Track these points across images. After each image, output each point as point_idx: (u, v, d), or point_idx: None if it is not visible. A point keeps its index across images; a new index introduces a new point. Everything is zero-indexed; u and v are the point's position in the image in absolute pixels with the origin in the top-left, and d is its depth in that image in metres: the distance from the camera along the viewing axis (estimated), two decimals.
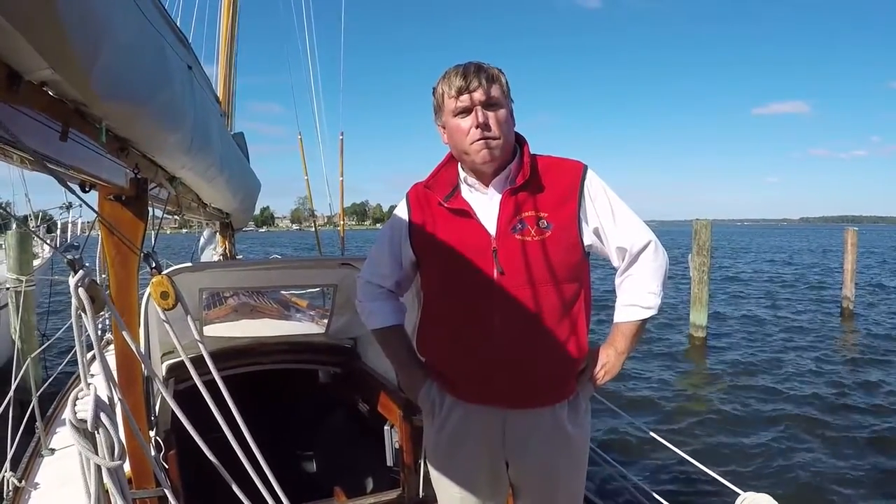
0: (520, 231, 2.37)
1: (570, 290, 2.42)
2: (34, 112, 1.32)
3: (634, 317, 2.51)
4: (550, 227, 2.37)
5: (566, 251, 2.39)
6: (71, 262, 1.34)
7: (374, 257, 2.78)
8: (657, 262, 2.50)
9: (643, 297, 2.49)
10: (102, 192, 2.16)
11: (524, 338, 2.40)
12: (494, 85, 2.36)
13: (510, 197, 2.41)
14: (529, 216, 2.38)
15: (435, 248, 2.53)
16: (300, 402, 5.13)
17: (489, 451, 2.54)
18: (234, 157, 4.33)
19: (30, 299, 10.54)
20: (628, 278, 2.53)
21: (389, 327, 2.76)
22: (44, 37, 1.06)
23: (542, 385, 2.47)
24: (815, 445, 8.51)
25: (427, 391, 2.64)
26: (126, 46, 1.46)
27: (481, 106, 2.34)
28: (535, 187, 2.43)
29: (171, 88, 1.98)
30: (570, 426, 2.51)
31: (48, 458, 3.87)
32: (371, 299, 2.78)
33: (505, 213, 2.40)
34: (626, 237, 2.46)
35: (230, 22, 8.80)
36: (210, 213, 5.47)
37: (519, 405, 2.48)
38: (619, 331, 2.56)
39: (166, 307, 1.80)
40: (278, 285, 6.10)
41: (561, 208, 2.40)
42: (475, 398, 2.51)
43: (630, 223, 2.48)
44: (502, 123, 2.37)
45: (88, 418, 1.27)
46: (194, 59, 2.64)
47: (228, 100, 8.90)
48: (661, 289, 2.51)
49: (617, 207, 2.47)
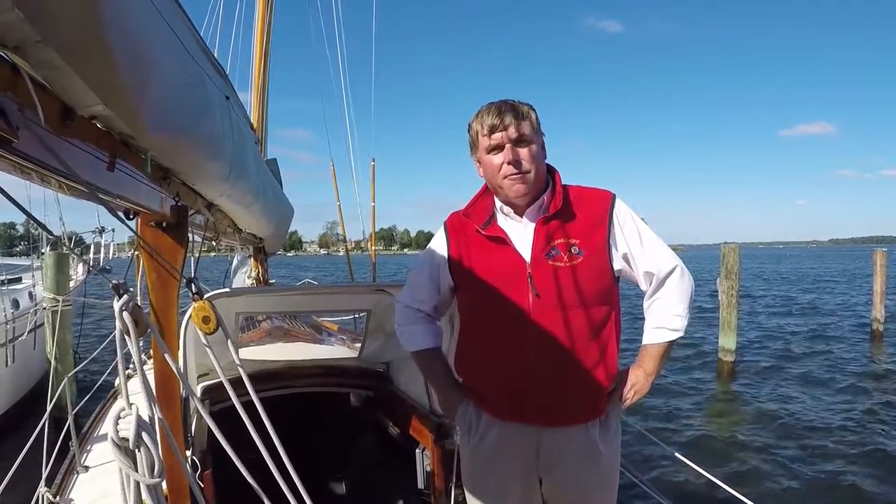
0: (553, 257, 2.47)
1: (601, 313, 2.51)
2: (83, 144, 1.37)
3: (662, 339, 2.59)
4: (582, 253, 2.47)
5: (597, 276, 2.49)
6: (115, 286, 1.39)
7: (413, 282, 2.87)
8: (683, 285, 2.58)
9: (670, 319, 2.56)
10: (143, 219, 2.21)
11: (557, 358, 2.48)
12: (525, 122, 2.47)
13: (543, 225, 2.51)
14: (562, 243, 2.48)
15: (473, 273, 2.62)
16: (331, 425, 5.16)
17: (524, 469, 2.61)
18: (268, 184, 4.40)
19: (66, 319, 10.68)
20: (656, 302, 2.61)
21: (428, 349, 2.84)
22: (96, 74, 1.11)
23: (575, 403, 2.55)
24: (844, 469, 8.38)
25: (464, 411, 2.73)
26: (171, 80, 1.52)
27: (512, 143, 2.46)
28: (567, 215, 2.52)
29: (212, 119, 2.03)
30: (602, 444, 2.58)
31: (83, 475, 3.92)
32: (410, 323, 2.86)
33: (539, 240, 2.50)
34: (653, 262, 2.55)
35: (263, 53, 8.92)
36: (245, 238, 5.55)
37: (553, 423, 2.55)
38: (647, 352, 2.64)
39: (207, 331, 1.84)
40: (312, 310, 6.15)
41: (592, 235, 2.50)
42: (511, 416, 2.59)
43: (657, 249, 2.57)
44: (533, 159, 2.48)
45: (130, 436, 1.31)
46: (231, 90, 2.70)
47: (261, 127, 9.01)
48: (688, 311, 2.58)
49: (644, 234, 2.57)
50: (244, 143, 2.88)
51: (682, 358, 16.12)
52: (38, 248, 17.50)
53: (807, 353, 17.43)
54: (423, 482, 3.66)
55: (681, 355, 16.29)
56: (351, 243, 12.64)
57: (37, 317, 11.71)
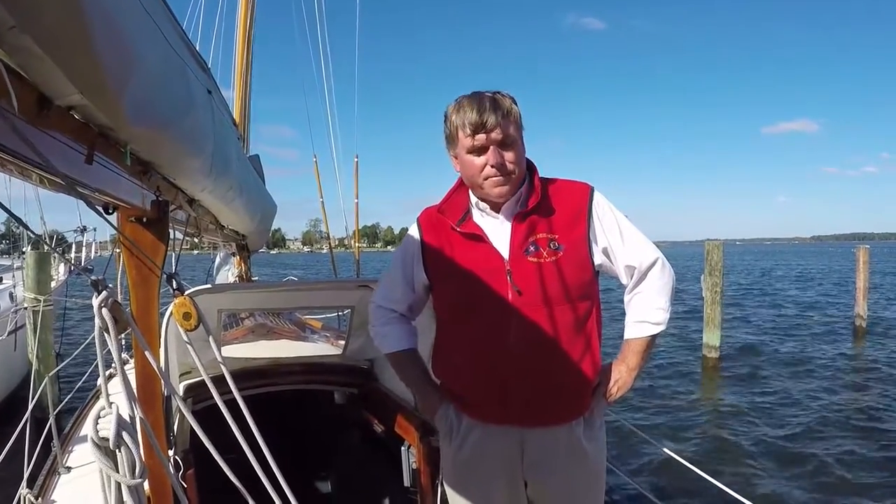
0: (533, 253, 2.42)
1: (583, 308, 2.46)
2: (61, 135, 1.34)
3: (644, 333, 2.55)
4: (562, 248, 2.42)
5: (578, 271, 2.44)
6: (94, 282, 1.36)
7: (387, 282, 2.80)
8: (664, 278, 2.54)
9: (652, 313, 2.53)
10: (124, 214, 2.18)
11: (540, 356, 2.43)
12: (509, 121, 2.38)
13: (521, 220, 2.46)
14: (541, 238, 2.43)
15: (448, 271, 2.56)
16: (316, 423, 5.13)
17: (508, 472, 2.56)
18: (251, 180, 4.37)
19: (47, 319, 10.59)
20: (637, 295, 2.56)
21: (402, 351, 2.76)
22: (75, 63, 1.09)
23: (559, 402, 2.50)
24: (828, 462, 8.51)
25: (444, 413, 2.66)
26: (152, 72, 1.49)
27: (497, 145, 2.37)
28: (546, 210, 2.48)
29: (194, 113, 2.01)
30: (587, 442, 2.54)
31: (65, 476, 3.89)
32: (383, 323, 2.79)
33: (517, 236, 2.45)
34: (634, 255, 2.50)
35: (245, 46, 8.88)
36: (227, 235, 5.51)
37: (536, 424, 2.50)
38: (629, 347, 2.60)
39: (188, 328, 1.82)
40: (296, 307, 6.12)
41: (571, 229, 2.46)
42: (493, 419, 2.53)
43: (637, 242, 2.52)
44: (517, 159, 2.41)
45: (111, 436, 1.29)
46: (213, 84, 2.68)
47: (244, 123, 8.97)
48: (669, 304, 2.55)
49: (624, 227, 2.53)
50: (226, 138, 2.86)
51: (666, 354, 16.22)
52: (20, 247, 17.38)
53: (791, 349, 17.57)
54: (409, 480, 3.64)
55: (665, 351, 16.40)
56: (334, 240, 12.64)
57: (17, 316, 11.62)
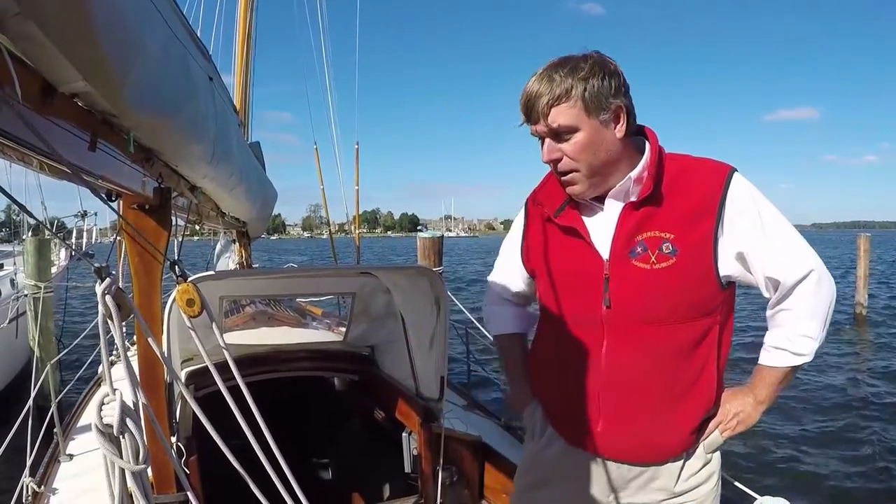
0: (639, 256, 1.96)
1: (697, 330, 1.99)
2: (64, 122, 1.34)
3: (781, 363, 2.03)
4: (676, 252, 1.92)
5: (694, 284, 1.95)
6: (98, 269, 1.36)
7: (498, 262, 2.53)
8: (819, 296, 1.97)
9: (795, 341, 1.99)
10: (126, 201, 2.19)
11: (635, 385, 2.03)
12: (562, 107, 1.88)
13: (630, 212, 1.98)
14: (651, 237, 1.95)
15: (543, 268, 2.23)
16: (317, 410, 5.15)
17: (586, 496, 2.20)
18: (252, 167, 4.37)
19: (48, 306, 10.59)
20: (780, 314, 2.03)
21: (504, 335, 2.53)
22: (78, 49, 1.08)
23: (651, 442, 2.07)
24: (828, 450, 8.44)
25: (532, 411, 2.36)
26: (155, 59, 1.49)
27: (550, 138, 1.96)
28: (663, 200, 1.97)
29: (196, 99, 2.01)
30: (683, 484, 2.11)
31: (66, 463, 3.90)
32: (492, 304, 2.57)
33: (621, 233, 1.99)
34: (778, 265, 1.94)
35: (246, 32, 8.85)
36: (228, 222, 5.52)
37: (624, 458, 2.11)
38: (761, 376, 2.09)
39: (192, 314, 1.81)
40: (298, 293, 6.13)
41: (692, 228, 1.93)
42: (576, 442, 2.19)
43: (786, 247, 1.96)
44: (580, 152, 1.92)
45: (114, 423, 1.29)
46: (214, 71, 2.67)
47: (245, 110, 8.96)
48: (822, 331, 1.99)
49: (770, 225, 1.95)
50: (227, 125, 2.85)
51: None
52: (20, 234, 17.38)
53: None
54: (410, 466, 3.65)
55: None
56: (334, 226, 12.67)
57: (18, 303, 11.62)
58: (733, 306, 2.08)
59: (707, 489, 2.13)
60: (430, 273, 3.42)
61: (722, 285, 1.95)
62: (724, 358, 2.07)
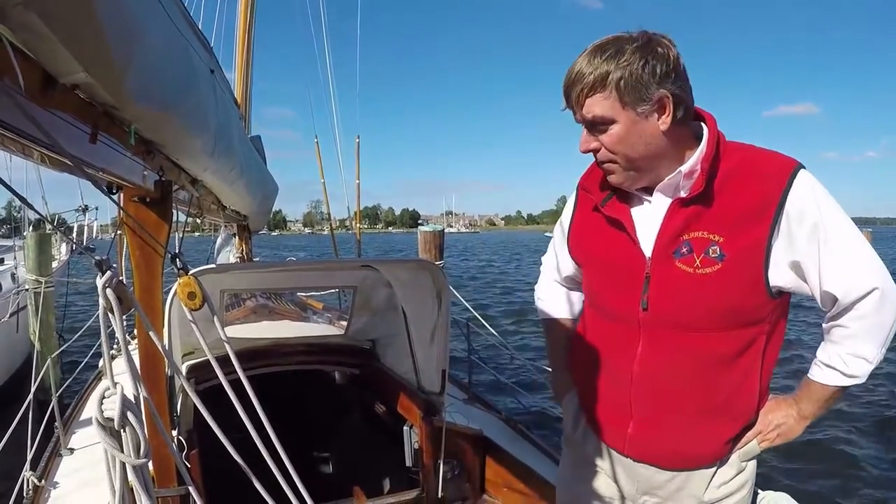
0: (683, 257, 1.83)
1: (740, 341, 1.87)
2: (65, 114, 1.34)
3: (831, 382, 1.89)
4: (724, 257, 1.78)
5: (740, 293, 1.81)
6: (98, 262, 1.35)
7: (551, 244, 2.43)
8: (881, 317, 1.79)
9: (848, 361, 1.84)
10: (127, 194, 2.19)
11: (665, 394, 1.95)
12: (597, 97, 1.77)
13: (678, 209, 1.85)
14: (699, 238, 1.82)
15: (588, 259, 2.16)
16: (317, 404, 5.15)
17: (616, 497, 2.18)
18: (252, 161, 4.36)
19: (49, 300, 10.60)
20: (836, 330, 1.86)
21: (551, 319, 2.46)
22: (81, 41, 1.08)
23: (682, 450, 1.99)
24: (832, 443, 8.41)
25: (570, 401, 2.31)
26: (156, 51, 1.49)
27: (587, 128, 1.86)
28: (716, 196, 1.82)
29: (197, 92, 2.01)
30: (715, 492, 2.02)
31: (67, 457, 3.91)
32: (542, 286, 2.52)
33: (668, 230, 1.86)
34: (837, 280, 1.77)
35: (247, 26, 8.85)
36: (229, 216, 5.52)
37: (655, 462, 2.04)
38: (809, 390, 1.96)
39: (193, 307, 1.81)
40: (298, 287, 6.13)
41: (743, 231, 1.78)
42: (608, 440, 2.14)
43: (848, 260, 1.77)
44: (617, 144, 1.81)
45: (115, 416, 1.28)
46: (216, 63, 2.67)
47: (245, 103, 8.96)
48: (880, 353, 1.83)
49: (833, 234, 1.76)
50: (229, 118, 2.85)
51: None
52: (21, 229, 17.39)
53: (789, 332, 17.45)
54: (411, 459, 3.66)
55: None
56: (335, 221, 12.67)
57: (19, 298, 11.63)
58: (785, 315, 1.95)
59: (738, 498, 2.04)
60: (432, 266, 3.41)
61: (772, 295, 1.81)
62: (768, 370, 1.95)
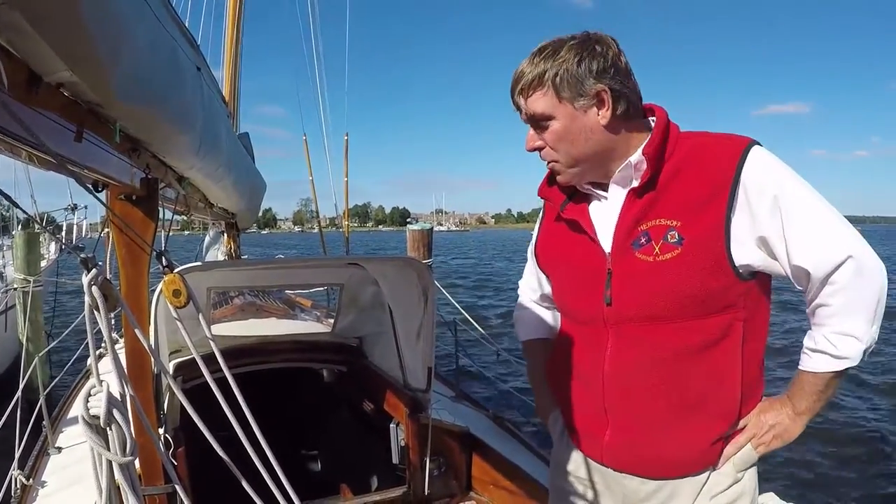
0: (642, 248, 1.78)
1: (711, 329, 1.76)
2: (50, 113, 1.34)
3: (821, 368, 1.75)
4: (682, 241, 1.72)
5: (703, 275, 1.71)
6: (84, 260, 1.35)
7: (527, 266, 2.38)
8: (860, 288, 1.67)
9: (836, 341, 1.71)
10: (113, 192, 2.19)
11: (637, 393, 1.85)
12: (536, 94, 1.78)
13: (634, 200, 1.81)
14: (656, 226, 1.77)
15: (552, 268, 2.12)
16: (305, 401, 5.16)
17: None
18: (240, 158, 4.36)
19: (37, 300, 10.57)
20: (818, 310, 1.74)
21: (529, 340, 2.40)
22: (66, 40, 1.08)
23: (660, 456, 1.87)
24: (818, 443, 8.42)
25: (554, 421, 2.23)
26: (142, 49, 1.48)
27: (531, 126, 1.86)
28: (672, 182, 1.78)
29: (183, 90, 2.00)
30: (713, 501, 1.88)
31: (55, 456, 3.91)
32: (520, 307, 2.43)
33: (624, 223, 1.82)
34: (806, 252, 1.67)
35: (235, 24, 8.83)
36: (217, 214, 5.51)
37: (637, 471, 1.93)
38: (800, 383, 1.82)
39: (178, 305, 1.81)
40: (285, 284, 6.13)
41: (700, 211, 1.72)
42: (588, 451, 2.05)
43: (815, 229, 1.67)
44: (557, 141, 1.81)
45: (101, 414, 1.28)
46: (203, 61, 2.66)
47: (234, 101, 8.94)
48: (870, 328, 1.69)
49: (796, 204, 1.68)
50: (216, 116, 2.84)
51: None
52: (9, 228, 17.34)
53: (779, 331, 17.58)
54: (398, 457, 3.67)
55: None
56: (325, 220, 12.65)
57: (7, 297, 11.60)
58: (764, 299, 1.84)
59: None
60: (418, 264, 3.42)
61: (740, 276, 1.72)
62: (752, 363, 1.84)
